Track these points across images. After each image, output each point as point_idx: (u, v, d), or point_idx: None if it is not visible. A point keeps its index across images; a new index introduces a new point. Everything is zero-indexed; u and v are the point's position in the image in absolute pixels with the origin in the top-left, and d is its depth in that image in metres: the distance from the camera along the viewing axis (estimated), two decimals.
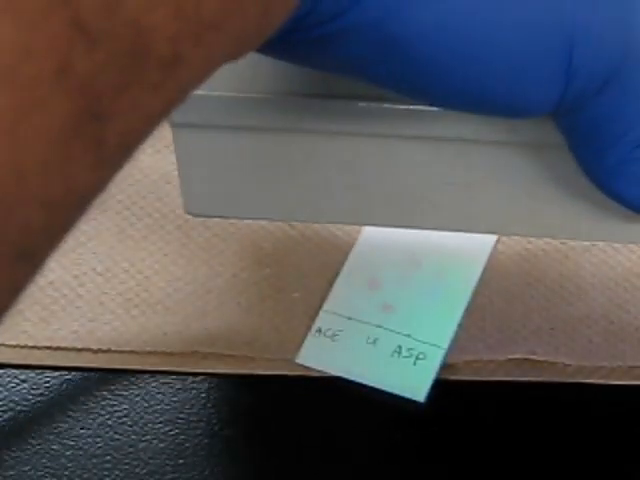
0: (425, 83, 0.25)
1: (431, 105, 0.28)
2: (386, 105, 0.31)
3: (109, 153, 0.18)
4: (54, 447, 0.35)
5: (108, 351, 0.37)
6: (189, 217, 0.40)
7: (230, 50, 0.21)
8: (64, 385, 0.37)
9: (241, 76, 0.31)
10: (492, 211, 0.33)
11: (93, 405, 0.36)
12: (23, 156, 0.17)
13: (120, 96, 0.18)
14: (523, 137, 0.31)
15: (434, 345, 0.36)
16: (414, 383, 0.35)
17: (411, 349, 0.36)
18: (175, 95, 0.19)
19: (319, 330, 0.36)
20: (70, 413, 0.36)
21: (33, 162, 0.17)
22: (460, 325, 0.36)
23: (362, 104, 0.31)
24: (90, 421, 0.36)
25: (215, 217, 0.36)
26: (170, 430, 0.35)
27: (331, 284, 0.38)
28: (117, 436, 0.35)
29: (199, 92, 0.21)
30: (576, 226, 0.33)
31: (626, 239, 0.33)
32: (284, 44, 0.23)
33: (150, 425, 0.35)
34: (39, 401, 0.36)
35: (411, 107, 0.31)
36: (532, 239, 0.38)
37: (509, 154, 0.32)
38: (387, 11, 0.23)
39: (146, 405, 0.36)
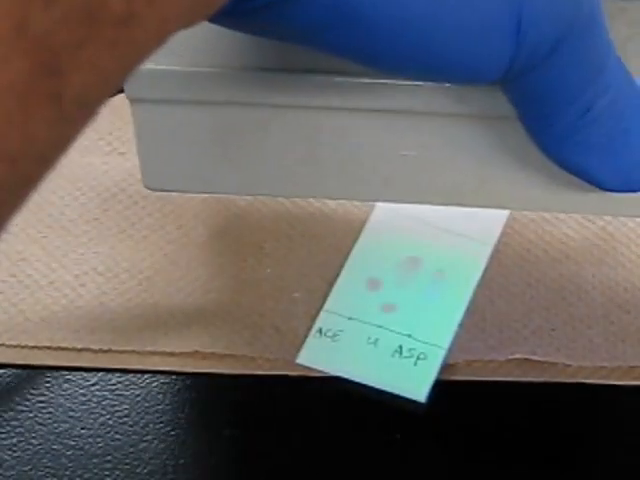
0: (376, 48, 0.26)
1: (384, 73, 0.28)
2: (339, 78, 0.31)
3: (67, 109, 0.19)
4: (55, 447, 0.35)
5: (109, 351, 0.37)
6: (190, 217, 0.40)
7: (183, 14, 0.21)
8: (65, 385, 0.37)
9: (197, 50, 0.32)
10: (444, 183, 0.33)
11: (94, 405, 0.36)
12: None
13: (77, 52, 0.19)
14: (473, 108, 0.31)
15: (435, 345, 0.36)
16: (415, 383, 0.35)
17: (412, 349, 0.36)
18: (131, 54, 0.20)
19: (320, 330, 0.36)
20: (71, 413, 0.36)
21: None
22: (461, 325, 0.36)
23: (316, 77, 0.31)
24: (91, 421, 0.36)
25: (173, 192, 0.37)
26: (171, 430, 0.35)
27: (332, 284, 0.38)
28: (118, 436, 0.35)
29: (156, 66, 0.21)
30: (529, 196, 0.33)
31: (580, 209, 0.33)
32: (235, 13, 0.24)
33: (151, 425, 0.35)
34: (40, 401, 0.36)
35: (364, 80, 0.31)
36: (532, 239, 0.38)
37: (460, 126, 0.32)
38: None
39: (147, 405, 0.36)
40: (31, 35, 0.18)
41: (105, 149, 0.42)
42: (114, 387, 0.36)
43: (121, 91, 0.32)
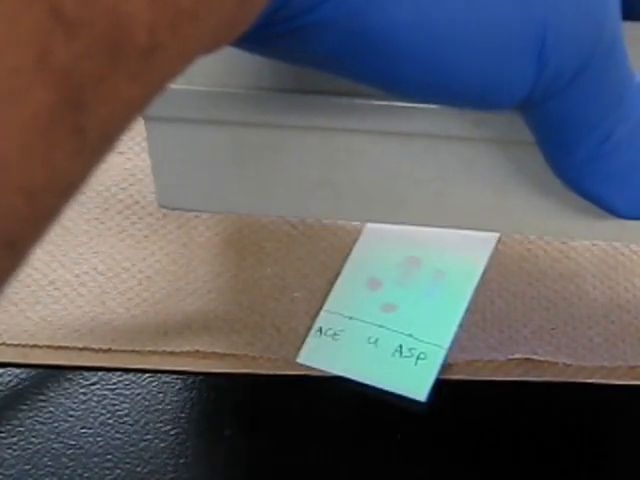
0: (397, 74, 0.25)
1: (405, 98, 0.28)
2: (357, 100, 0.31)
3: (90, 142, 0.19)
4: (55, 446, 0.35)
5: (109, 350, 0.37)
6: (191, 217, 0.40)
7: (207, 41, 0.21)
8: (65, 384, 0.37)
9: (214, 70, 0.32)
10: (460, 207, 0.33)
11: (94, 404, 0.36)
12: (4, 145, 0.17)
13: (100, 85, 0.18)
14: (491, 133, 0.31)
15: (435, 345, 0.36)
16: (415, 383, 0.35)
17: (412, 349, 0.36)
18: (154, 85, 0.20)
19: (320, 330, 0.36)
20: (71, 412, 0.36)
21: (15, 151, 0.17)
22: (461, 325, 0.36)
23: (332, 99, 0.31)
24: (91, 420, 0.36)
25: (187, 210, 0.37)
26: (171, 430, 0.35)
27: (332, 284, 0.38)
28: (118, 435, 0.35)
29: (172, 85, 0.21)
30: (545, 223, 0.33)
31: (595, 237, 0.33)
32: (259, 38, 0.23)
33: (151, 424, 0.35)
34: (40, 400, 0.36)
35: (380, 102, 0.31)
36: (532, 239, 0.38)
37: (477, 150, 0.32)
38: (360, 4, 0.23)
39: (147, 404, 0.36)
40: (54, 67, 0.17)
41: None
42: (114, 386, 0.36)
43: None
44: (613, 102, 0.27)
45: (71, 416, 0.36)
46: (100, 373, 0.37)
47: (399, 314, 0.37)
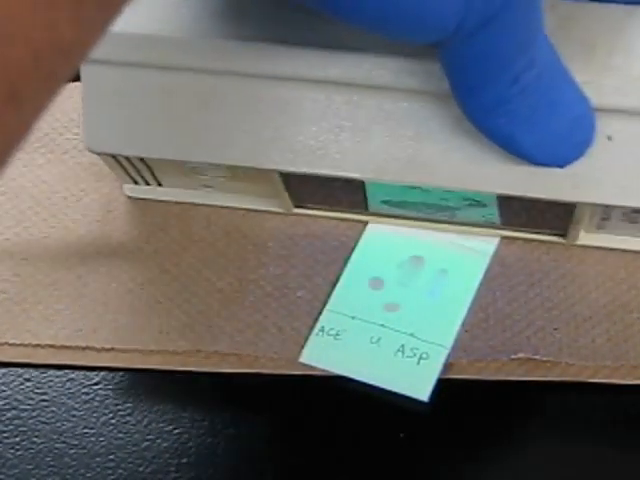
0: None
1: (338, 18, 0.29)
2: (284, 47, 0.33)
3: (88, 11, 0.20)
4: (57, 446, 0.35)
5: (112, 350, 0.37)
6: (192, 217, 0.40)
7: None
8: (67, 384, 0.37)
9: (148, 15, 0.34)
10: (378, 157, 0.34)
11: (96, 404, 0.36)
12: None
13: None
14: (410, 83, 0.33)
15: (437, 345, 0.36)
16: (417, 382, 0.35)
17: (414, 349, 0.36)
18: None
19: (322, 329, 0.36)
20: (74, 412, 0.36)
21: (20, 5, 0.19)
22: (463, 325, 0.36)
23: (260, 45, 0.33)
24: (93, 420, 0.36)
25: (113, 154, 0.37)
26: (173, 429, 0.35)
27: (334, 284, 0.38)
28: (120, 435, 0.35)
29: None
30: (459, 174, 0.34)
31: (508, 188, 0.34)
32: None
33: (153, 424, 0.35)
34: (43, 400, 0.36)
35: (307, 50, 0.33)
36: (534, 238, 0.38)
37: (395, 100, 0.33)
38: None
39: (150, 404, 0.36)
40: None
41: None
42: (117, 386, 0.36)
43: None
44: (524, 45, 0.29)
45: (74, 416, 0.36)
46: (103, 373, 0.37)
47: (401, 314, 0.37)
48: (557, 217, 0.36)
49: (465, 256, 0.38)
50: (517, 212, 0.36)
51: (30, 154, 0.42)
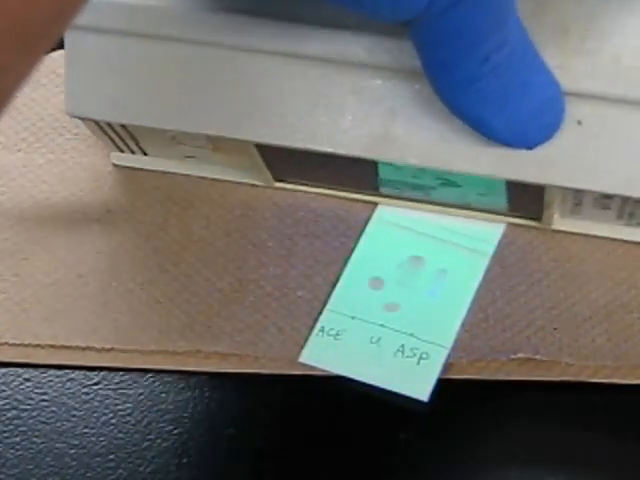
0: None
1: None
2: (263, 21, 0.33)
3: None
4: (58, 446, 0.35)
5: (112, 350, 0.37)
6: (192, 216, 0.40)
7: None
8: (68, 384, 0.37)
9: None
10: (352, 132, 0.35)
11: (97, 404, 0.36)
12: None
13: None
14: (383, 60, 0.33)
15: (437, 345, 0.36)
16: (417, 382, 0.35)
17: (414, 349, 0.36)
18: None
19: (322, 329, 0.36)
20: (74, 412, 0.36)
21: None
22: (463, 325, 0.36)
23: (240, 18, 0.34)
24: (94, 420, 0.36)
25: (92, 120, 0.37)
26: (173, 429, 0.35)
27: (334, 283, 0.38)
28: (120, 435, 0.35)
29: None
30: (430, 152, 0.34)
31: (478, 168, 0.34)
32: None
33: (153, 424, 0.36)
34: (43, 400, 0.36)
35: (284, 24, 0.33)
36: (535, 238, 0.38)
37: (368, 77, 0.34)
38: None
39: (149, 404, 0.36)
40: None
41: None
42: (117, 386, 0.36)
43: None
44: (496, 25, 0.29)
45: (74, 416, 0.36)
46: (102, 373, 0.37)
47: (401, 314, 0.37)
48: (531, 201, 0.36)
49: (465, 256, 0.38)
50: None
51: (30, 154, 0.42)
